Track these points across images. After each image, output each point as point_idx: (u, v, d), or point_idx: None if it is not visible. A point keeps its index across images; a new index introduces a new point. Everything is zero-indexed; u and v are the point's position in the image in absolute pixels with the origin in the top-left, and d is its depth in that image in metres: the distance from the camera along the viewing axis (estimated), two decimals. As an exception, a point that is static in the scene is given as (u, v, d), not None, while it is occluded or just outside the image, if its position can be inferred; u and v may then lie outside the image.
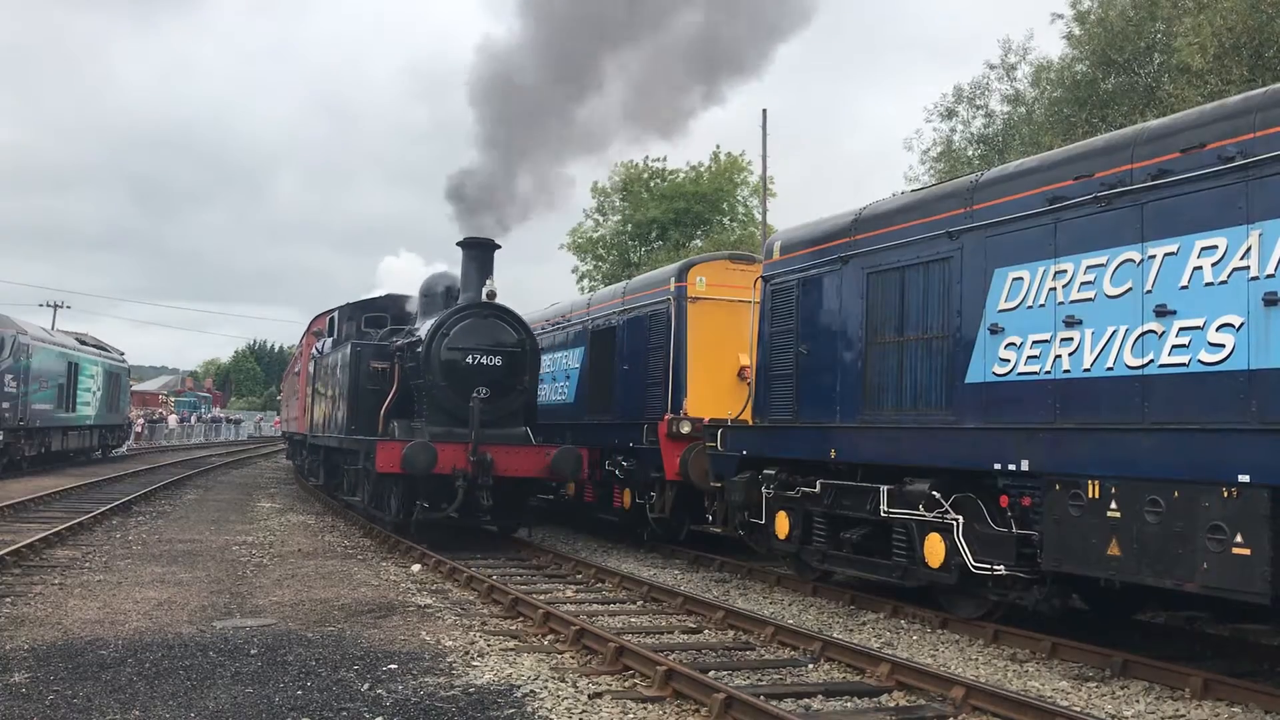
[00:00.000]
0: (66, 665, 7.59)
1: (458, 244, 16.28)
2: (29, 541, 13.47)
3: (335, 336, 20.24)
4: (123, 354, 42.34)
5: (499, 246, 16.32)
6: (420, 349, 15.69)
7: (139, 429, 52.39)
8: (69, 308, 65.27)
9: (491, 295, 15.61)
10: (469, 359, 15.27)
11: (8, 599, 10.14)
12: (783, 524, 11.80)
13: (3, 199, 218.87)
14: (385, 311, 19.46)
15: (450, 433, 14.84)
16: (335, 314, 20.79)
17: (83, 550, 13.81)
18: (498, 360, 15.45)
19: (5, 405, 26.81)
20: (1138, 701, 7.42)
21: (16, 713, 6.40)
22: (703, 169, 45.68)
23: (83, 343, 36.45)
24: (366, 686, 7.23)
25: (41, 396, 29.60)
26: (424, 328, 16.14)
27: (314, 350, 23.36)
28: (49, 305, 63.51)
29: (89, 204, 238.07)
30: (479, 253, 16.14)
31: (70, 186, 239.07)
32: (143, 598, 10.43)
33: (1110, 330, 8.15)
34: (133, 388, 51.91)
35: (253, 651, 8.20)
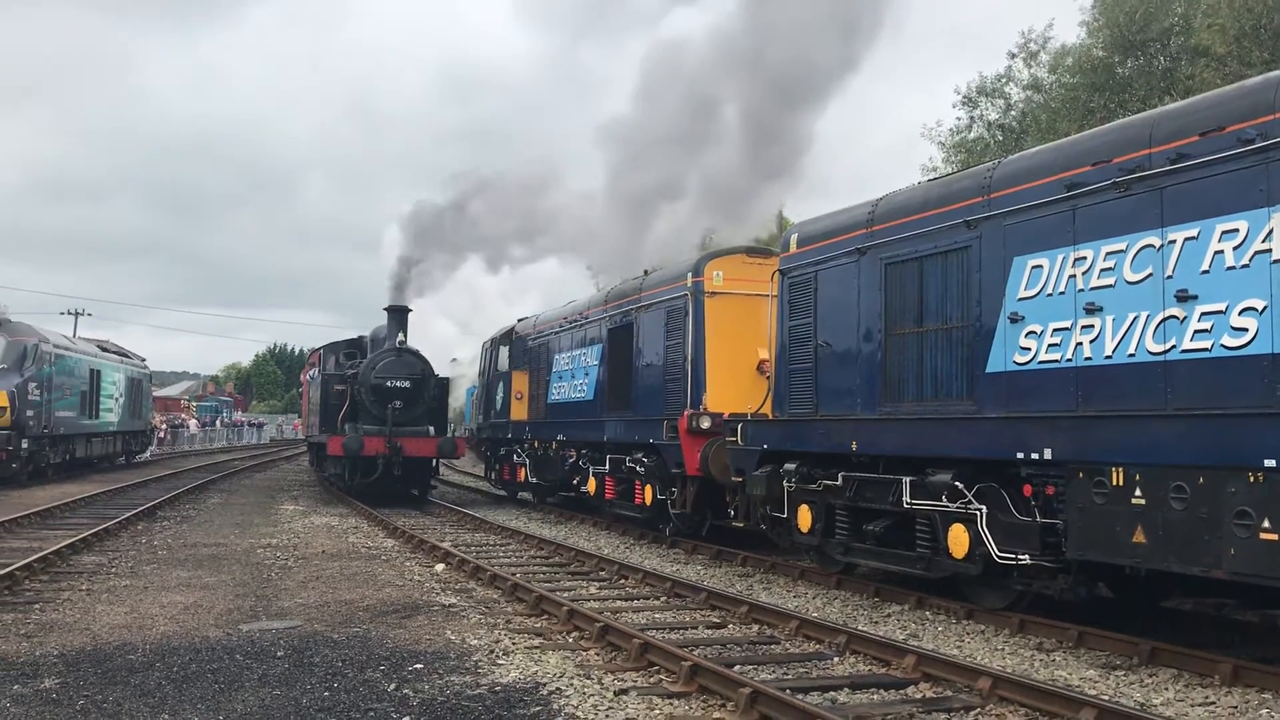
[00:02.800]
0: (95, 670, 7.65)
1: (384, 309, 24.60)
2: (56, 548, 13.57)
3: (321, 368, 27.47)
4: (144, 360, 42.56)
5: (410, 310, 24.71)
6: (361, 376, 23.37)
7: (162, 434, 52.71)
8: (90, 315, 65.56)
9: (403, 343, 23.70)
10: (388, 383, 23.08)
11: (36, 605, 10.23)
12: (805, 517, 11.78)
13: (41, 211, 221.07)
14: (357, 348, 26.81)
15: (377, 430, 22.46)
16: (322, 350, 28.72)
17: (109, 556, 13.91)
18: (407, 384, 23.22)
19: (30, 413, 26.99)
20: (1167, 689, 7.38)
21: (48, 717, 6.45)
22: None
23: (104, 349, 36.64)
24: (393, 686, 7.26)
25: (65, 404, 29.80)
26: (365, 363, 23.83)
27: (308, 377, 32.77)
28: (71, 313, 63.82)
29: (121, 212, 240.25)
30: (398, 314, 24.36)
31: (104, 196, 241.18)
32: (169, 602, 10.50)
33: (1131, 317, 8.10)
34: (155, 393, 52.19)
35: (279, 654, 8.25)
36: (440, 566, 13.25)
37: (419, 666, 7.85)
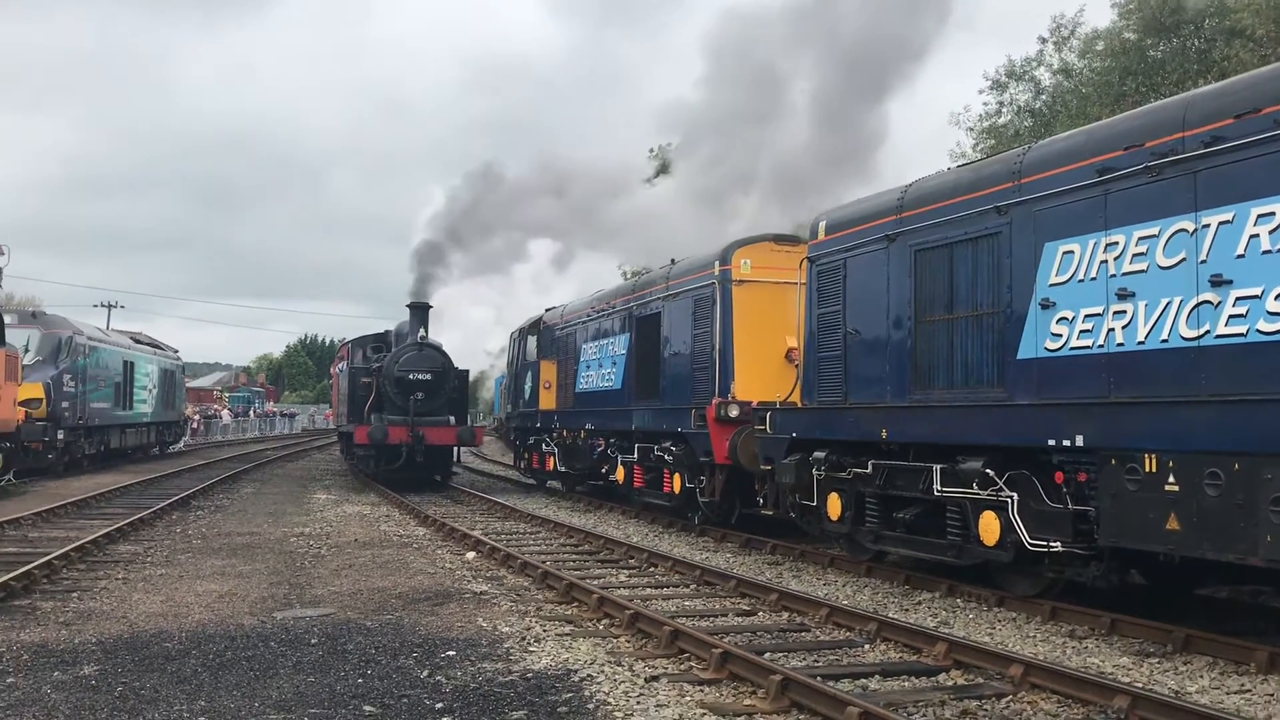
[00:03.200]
0: (133, 657, 7.75)
1: (406, 305, 25.98)
2: (93, 537, 13.75)
3: (350, 361, 28.44)
4: (176, 351, 42.96)
5: (430, 306, 26.03)
6: (385, 370, 24.55)
7: (195, 425, 53.21)
8: (123, 307, 66.20)
9: (423, 338, 24.88)
10: (410, 375, 24.11)
11: (74, 594, 10.37)
12: (835, 505, 11.77)
13: (74, 205, 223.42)
14: (382, 342, 27.85)
15: (401, 419, 23.61)
16: (350, 344, 29.98)
17: (144, 545, 14.08)
18: (428, 376, 24.22)
19: (65, 405, 27.32)
20: (1201, 677, 7.33)
21: (87, 704, 6.55)
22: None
23: (137, 341, 37.00)
24: (426, 673, 7.32)
25: (99, 395, 30.14)
26: (389, 357, 25.01)
27: (338, 369, 33.88)
28: (104, 305, 64.51)
29: (153, 206, 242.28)
30: (419, 310, 25.59)
31: (136, 189, 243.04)
32: (204, 590, 10.62)
33: (1164, 302, 8.02)
34: (187, 384, 52.67)
35: (313, 641, 8.33)
36: (471, 554, 13.32)
37: (451, 653, 7.91)
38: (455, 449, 25.52)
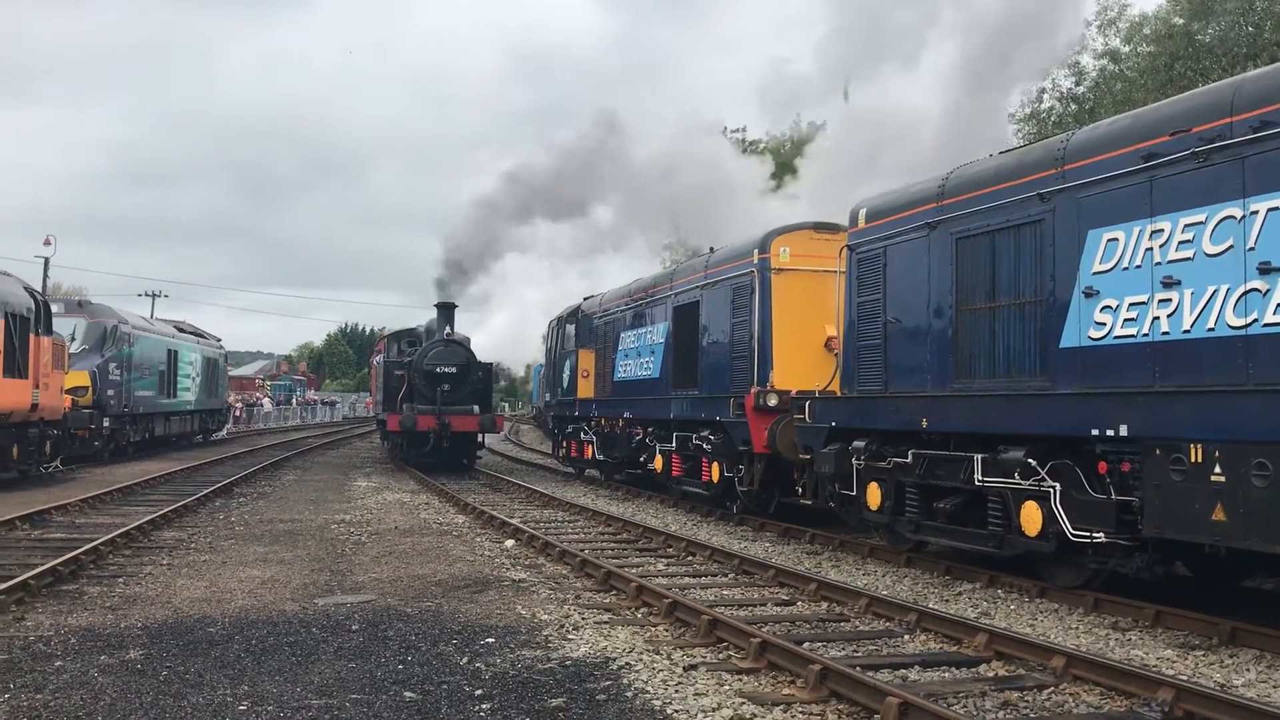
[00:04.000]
0: (177, 642, 7.86)
1: (434, 305, 28.88)
2: (138, 524, 13.94)
3: (386, 354, 30.83)
4: (219, 340, 43.44)
5: (456, 306, 28.66)
6: (415, 364, 26.75)
7: (237, 413, 53.80)
8: (167, 296, 66.90)
9: (449, 335, 27.29)
10: (437, 369, 26.37)
11: (120, 579, 10.52)
12: (874, 495, 11.71)
13: (120, 195, 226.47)
14: (414, 336, 29.98)
15: (429, 408, 25.75)
16: (387, 339, 33.12)
17: (188, 531, 14.26)
18: (453, 369, 26.48)
19: (110, 393, 27.72)
20: (1248, 670, 7.23)
21: (133, 687, 6.65)
22: (784, 139, 45.22)
23: (180, 330, 37.43)
24: (465, 660, 7.36)
25: (144, 384, 30.55)
26: (419, 351, 27.35)
27: (376, 361, 36.68)
28: (148, 295, 65.26)
29: (197, 196, 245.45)
30: (445, 309, 28.07)
31: (179, 180, 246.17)
32: (247, 576, 10.74)
33: (1210, 290, 7.90)
34: (230, 373, 53.26)
35: (354, 627, 8.40)
36: (510, 542, 13.39)
37: (490, 640, 7.95)
38: (480, 435, 27.26)
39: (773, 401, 14.67)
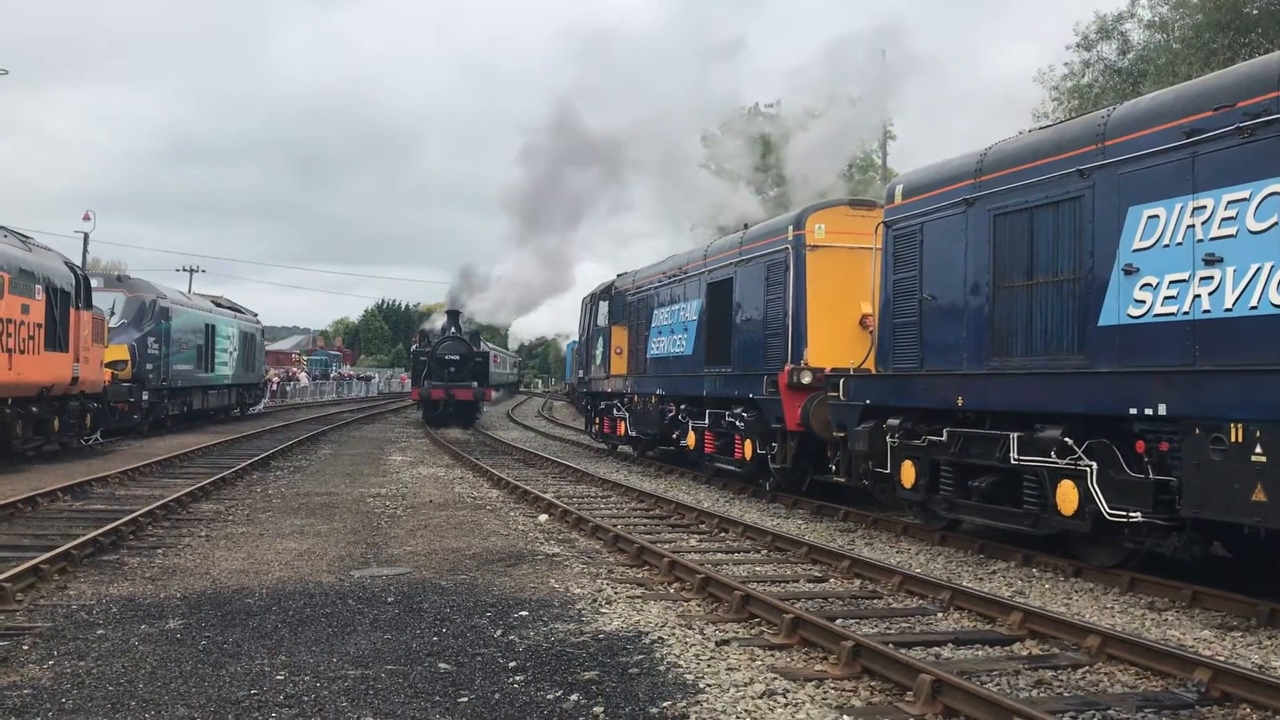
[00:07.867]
0: (216, 613, 7.97)
1: (444, 310, 43.15)
2: (176, 496, 14.13)
3: (419, 344, 41.66)
4: (256, 315, 43.80)
5: (460, 312, 40.66)
6: (431, 352, 37.11)
7: (274, 387, 54.28)
8: (204, 271, 67.49)
9: (454, 333, 37.89)
10: (445, 357, 36.45)
11: (159, 550, 10.67)
12: (909, 473, 11.65)
13: (169, 173, 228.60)
14: (434, 331, 41.33)
15: (441, 384, 35.94)
16: (419, 332, 47.06)
17: (226, 504, 14.43)
18: (457, 357, 36.49)
19: (149, 367, 28.05)
20: (1286, 652, 7.16)
21: (173, 656, 6.75)
22: (818, 114, 44.78)
23: (218, 305, 37.79)
24: (499, 633, 7.42)
25: (182, 358, 30.88)
26: (435, 343, 37.78)
27: (413, 351, 46.95)
28: (186, 270, 65.81)
29: (243, 174, 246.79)
30: (453, 314, 39.72)
31: (228, 158, 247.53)
32: (284, 548, 10.87)
33: (1254, 268, 7.78)
34: (267, 347, 53.70)
35: (389, 599, 8.48)
36: (544, 517, 13.45)
37: (524, 614, 8.01)
38: (479, 402, 37.11)
39: (806, 379, 14.62)
